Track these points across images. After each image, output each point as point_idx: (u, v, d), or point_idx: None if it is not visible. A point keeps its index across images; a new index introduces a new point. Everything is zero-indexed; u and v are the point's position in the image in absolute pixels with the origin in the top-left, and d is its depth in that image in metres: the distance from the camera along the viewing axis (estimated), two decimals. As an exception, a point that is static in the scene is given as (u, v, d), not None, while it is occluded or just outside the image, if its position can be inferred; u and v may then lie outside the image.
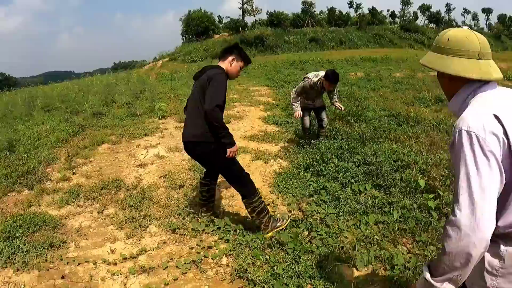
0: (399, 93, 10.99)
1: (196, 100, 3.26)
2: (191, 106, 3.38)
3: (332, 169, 4.63)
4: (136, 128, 7.91)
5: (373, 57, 24.09)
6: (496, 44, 39.80)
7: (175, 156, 6.07)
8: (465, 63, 1.44)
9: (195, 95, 3.29)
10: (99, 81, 16.44)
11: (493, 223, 1.24)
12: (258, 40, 38.02)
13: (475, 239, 1.22)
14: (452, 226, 1.28)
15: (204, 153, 3.35)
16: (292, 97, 5.70)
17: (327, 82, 5.36)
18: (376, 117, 7.55)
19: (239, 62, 3.41)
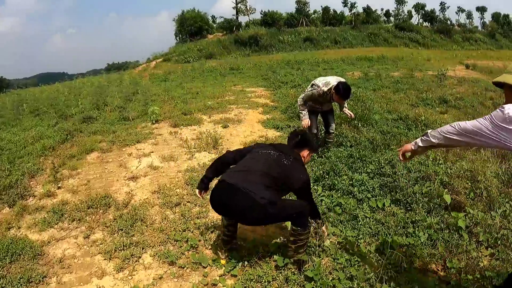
0: (401, 94, 10.64)
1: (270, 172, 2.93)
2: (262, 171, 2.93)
3: (346, 183, 4.19)
4: (128, 134, 7.42)
5: (369, 56, 23.91)
6: (491, 42, 39.76)
7: (170, 166, 5.61)
8: None
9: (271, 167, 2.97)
10: (90, 83, 15.96)
11: None
12: (252, 40, 37.71)
13: None
14: None
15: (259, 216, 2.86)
16: (299, 104, 5.29)
17: (337, 96, 4.90)
18: (384, 120, 7.13)
19: (312, 153, 3.44)
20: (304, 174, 3.00)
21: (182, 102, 10.68)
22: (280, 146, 3.23)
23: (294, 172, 2.96)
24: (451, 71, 14.67)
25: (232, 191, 2.78)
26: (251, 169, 2.91)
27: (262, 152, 3.08)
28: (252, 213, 2.73)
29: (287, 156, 3.03)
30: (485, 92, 10.72)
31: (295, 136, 3.27)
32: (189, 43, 39.05)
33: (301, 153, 3.19)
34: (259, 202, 2.68)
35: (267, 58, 27.15)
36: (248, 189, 2.71)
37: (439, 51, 32.51)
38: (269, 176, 2.84)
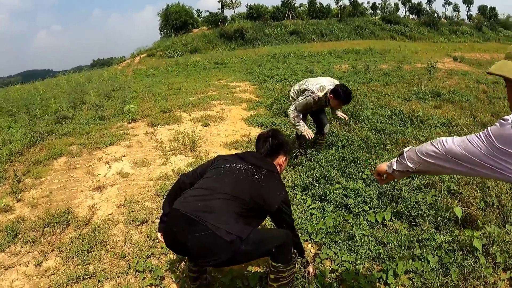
0: (392, 87, 10.21)
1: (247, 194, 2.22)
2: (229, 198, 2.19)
3: (339, 192, 3.64)
4: (101, 135, 6.87)
5: (356, 49, 23.50)
6: (477, 35, 39.70)
7: (141, 173, 5.04)
8: None
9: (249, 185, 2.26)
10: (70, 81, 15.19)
11: None
12: (238, 33, 37.02)
13: None
14: None
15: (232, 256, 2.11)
16: (292, 116, 4.54)
17: (336, 100, 4.31)
18: (376, 116, 6.63)
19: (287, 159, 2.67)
20: (281, 191, 2.31)
21: (162, 99, 10.12)
22: (248, 155, 2.46)
23: (270, 189, 2.26)
24: (440, 63, 14.35)
25: (187, 224, 2.04)
26: (213, 192, 2.18)
27: (226, 167, 2.36)
28: (218, 254, 2.00)
29: (259, 169, 2.33)
30: (477, 85, 10.33)
31: (265, 140, 2.50)
32: (173, 38, 38.17)
33: (275, 161, 2.49)
34: (225, 239, 1.96)
35: (252, 51, 26.54)
36: (209, 222, 1.99)
37: (426, 43, 32.29)
38: (237, 200, 2.14)
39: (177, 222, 2.10)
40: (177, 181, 2.52)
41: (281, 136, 2.54)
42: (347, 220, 3.29)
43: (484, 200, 3.46)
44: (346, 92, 4.24)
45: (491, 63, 16.22)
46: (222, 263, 2.07)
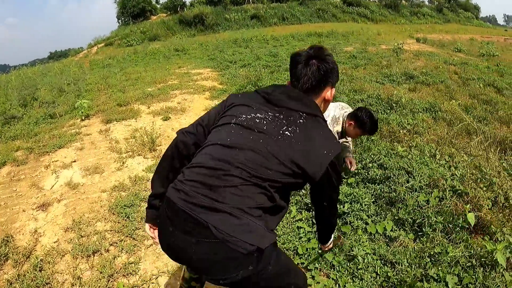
0: (361, 70, 9.82)
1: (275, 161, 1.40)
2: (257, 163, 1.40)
3: None
4: (51, 136, 5.99)
5: (318, 32, 23.11)
6: (438, 16, 40.36)
7: (93, 182, 4.31)
8: None
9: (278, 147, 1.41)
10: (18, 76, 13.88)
11: None
12: (198, 19, 35.93)
13: None
14: None
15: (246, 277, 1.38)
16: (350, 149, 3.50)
17: (359, 130, 3.22)
18: (353, 101, 6.12)
19: (334, 91, 1.65)
20: (330, 147, 1.44)
21: (119, 90, 9.24)
22: (277, 93, 1.55)
23: (312, 148, 1.41)
24: (405, 45, 14.16)
25: (189, 224, 1.34)
26: (223, 171, 1.38)
27: (241, 120, 1.49)
28: (230, 270, 1.32)
29: (292, 116, 1.46)
30: (447, 66, 10.12)
31: (307, 64, 1.54)
32: (131, 26, 36.73)
33: (320, 97, 1.58)
34: (239, 251, 1.28)
35: (213, 37, 25.66)
36: (218, 227, 1.29)
37: (388, 25, 32.38)
38: (259, 181, 1.36)
39: (175, 220, 1.39)
40: (175, 143, 1.66)
41: (329, 57, 1.57)
42: (344, 233, 2.74)
43: (490, 198, 3.00)
44: (373, 119, 3.16)
45: (454, 43, 16.34)
46: (239, 282, 1.36)
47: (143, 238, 3.16)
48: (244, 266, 1.32)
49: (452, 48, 14.95)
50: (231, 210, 1.31)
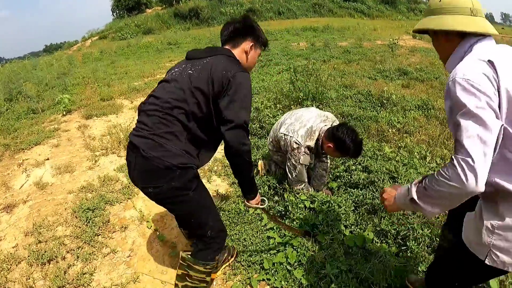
0: (354, 65, 9.52)
1: (186, 94, 1.82)
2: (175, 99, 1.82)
3: (304, 206, 2.77)
4: (30, 132, 5.80)
5: (314, 26, 22.71)
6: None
7: (62, 182, 4.08)
8: (460, 19, 1.42)
9: (185, 83, 1.83)
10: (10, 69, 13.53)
11: (486, 177, 1.17)
12: (193, 13, 35.52)
13: (468, 189, 1.17)
14: (457, 164, 1.19)
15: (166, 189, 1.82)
16: (300, 188, 3.05)
17: (338, 153, 2.83)
18: (342, 98, 5.83)
19: (258, 48, 2.09)
20: (231, 65, 1.83)
21: (105, 85, 8.97)
22: (195, 50, 2.03)
23: (216, 69, 1.81)
24: (401, 41, 13.85)
25: (132, 148, 1.87)
26: (153, 105, 1.86)
27: (169, 75, 1.96)
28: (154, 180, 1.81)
29: (199, 60, 1.91)
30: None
31: (228, 24, 2.05)
32: (126, 19, 36.25)
33: (237, 48, 2.00)
34: (159, 166, 1.77)
35: (207, 31, 25.26)
36: (144, 149, 1.78)
37: (384, 21, 31.95)
38: (178, 107, 1.80)
39: (130, 155, 1.91)
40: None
41: (252, 22, 2.04)
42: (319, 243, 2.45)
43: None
44: (356, 141, 2.75)
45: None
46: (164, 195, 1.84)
47: (102, 245, 2.96)
48: (167, 179, 1.76)
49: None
50: (151, 136, 1.78)
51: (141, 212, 3.36)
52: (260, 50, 2.08)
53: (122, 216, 3.37)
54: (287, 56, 11.27)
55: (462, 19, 1.41)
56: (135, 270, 2.69)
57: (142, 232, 3.14)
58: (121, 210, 3.46)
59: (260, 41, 2.04)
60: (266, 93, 6.10)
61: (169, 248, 2.87)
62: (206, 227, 1.98)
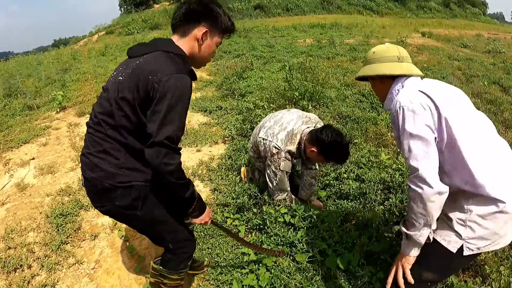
0: (359, 62, 9.17)
1: (112, 106, 1.58)
2: (101, 113, 1.63)
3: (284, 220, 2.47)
4: (22, 129, 5.56)
5: (321, 23, 22.35)
6: (445, 11, 39.30)
7: (43, 184, 3.87)
8: (389, 65, 1.73)
9: (113, 93, 1.58)
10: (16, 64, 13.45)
11: (437, 178, 1.45)
12: (199, 7, 35.26)
13: (429, 191, 1.42)
14: (413, 184, 1.47)
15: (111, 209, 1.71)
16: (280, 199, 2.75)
17: (322, 157, 2.55)
18: (341, 97, 5.52)
19: (216, 36, 1.70)
20: (160, 67, 1.49)
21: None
22: (135, 46, 1.72)
23: (143, 74, 1.50)
24: (409, 38, 13.48)
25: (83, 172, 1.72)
26: (90, 122, 1.70)
27: (113, 75, 1.68)
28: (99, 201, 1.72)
29: (137, 58, 1.61)
30: (450, 61, 9.43)
31: (182, 6, 1.67)
32: (133, 14, 36.17)
33: (188, 37, 1.65)
34: (98, 186, 1.64)
35: (214, 26, 25.05)
36: (84, 169, 1.68)
37: (393, 18, 31.47)
38: (108, 123, 1.59)
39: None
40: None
41: (210, 2, 1.66)
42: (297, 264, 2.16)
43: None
44: (342, 145, 2.49)
45: (460, 39, 15.63)
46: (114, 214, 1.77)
47: (69, 254, 2.75)
48: (109, 199, 1.63)
49: (458, 43, 14.22)
50: (88, 155, 1.64)
51: (114, 220, 3.11)
52: (219, 38, 1.70)
53: (94, 223, 3.14)
54: (292, 53, 10.95)
55: (391, 65, 1.72)
56: (97, 284, 2.45)
57: (112, 241, 2.90)
58: (95, 216, 3.24)
59: (219, 26, 1.67)
60: (260, 91, 5.80)
61: (135, 262, 2.64)
62: (165, 241, 1.87)
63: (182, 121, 1.50)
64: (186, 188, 1.61)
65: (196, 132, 4.75)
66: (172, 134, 1.45)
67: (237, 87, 6.42)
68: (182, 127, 1.51)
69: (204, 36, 1.63)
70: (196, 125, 5.11)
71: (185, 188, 1.61)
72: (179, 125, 1.48)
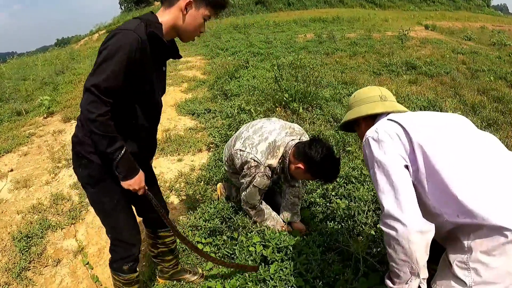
0: (359, 58, 8.84)
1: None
2: None
3: (256, 251, 2.12)
4: (7, 137, 5.33)
5: (323, 17, 22.09)
6: (448, 3, 38.72)
7: (16, 200, 3.65)
8: (371, 105, 1.65)
9: None
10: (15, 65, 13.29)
11: (416, 210, 1.24)
12: (199, 3, 34.95)
13: (405, 231, 1.20)
14: (384, 226, 1.27)
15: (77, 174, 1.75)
16: (248, 208, 2.45)
17: (308, 175, 2.30)
18: (337, 97, 5.17)
19: (202, 8, 1.62)
20: (115, 30, 1.50)
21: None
22: None
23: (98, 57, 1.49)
24: (412, 31, 13.07)
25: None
26: None
27: None
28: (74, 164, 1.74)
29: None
30: (455, 55, 9.05)
31: None
32: (134, 12, 36.31)
33: (175, 6, 1.62)
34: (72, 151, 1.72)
35: (214, 23, 24.64)
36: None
37: (396, 11, 31.07)
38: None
39: None
40: None
41: None
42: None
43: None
44: (334, 163, 2.24)
45: (464, 31, 15.24)
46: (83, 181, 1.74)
47: (29, 283, 2.55)
48: (77, 165, 1.71)
49: (462, 36, 13.80)
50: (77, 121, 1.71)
51: (80, 243, 2.85)
52: (206, 10, 1.62)
53: (59, 246, 2.91)
54: (290, 49, 10.61)
55: (373, 105, 1.64)
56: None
57: (74, 269, 2.65)
58: (61, 238, 3.00)
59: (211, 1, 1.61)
60: (249, 93, 5.46)
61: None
62: (107, 232, 1.87)
63: (115, 73, 1.44)
64: (108, 142, 1.52)
65: (180, 139, 4.43)
66: (99, 83, 1.42)
67: (228, 87, 6.10)
68: (114, 79, 1.44)
69: (188, 5, 1.59)
70: (182, 130, 4.80)
71: (107, 141, 1.52)
72: (109, 75, 1.43)
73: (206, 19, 1.65)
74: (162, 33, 1.58)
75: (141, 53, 1.48)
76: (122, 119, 1.59)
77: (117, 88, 1.46)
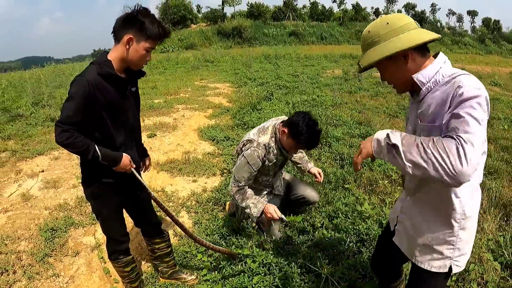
0: (380, 98, 9.14)
1: None
2: None
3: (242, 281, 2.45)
4: (40, 140, 5.85)
5: (354, 54, 22.38)
6: (480, 47, 38.60)
7: (45, 197, 4.08)
8: (415, 32, 1.37)
9: None
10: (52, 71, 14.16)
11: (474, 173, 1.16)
12: (236, 31, 36.24)
13: (460, 172, 1.14)
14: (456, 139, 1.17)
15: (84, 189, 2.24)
16: (234, 195, 2.77)
17: (291, 140, 2.64)
18: (348, 137, 5.50)
19: (142, 42, 1.89)
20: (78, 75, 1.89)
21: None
22: None
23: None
24: (439, 75, 13.21)
25: None
26: None
27: None
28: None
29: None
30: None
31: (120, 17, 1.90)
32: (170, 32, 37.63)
33: (121, 42, 1.88)
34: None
35: (247, 51, 25.49)
36: None
37: (428, 52, 31.19)
38: None
39: None
40: None
41: (139, 13, 1.86)
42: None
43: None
44: (312, 127, 2.58)
45: (492, 76, 15.12)
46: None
47: (50, 267, 2.96)
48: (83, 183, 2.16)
49: (489, 81, 13.80)
50: None
51: (97, 240, 3.28)
52: (147, 43, 1.88)
53: (79, 240, 3.32)
54: (315, 85, 10.97)
55: (418, 32, 1.37)
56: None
57: (90, 261, 3.07)
58: (82, 234, 3.41)
59: (145, 33, 1.86)
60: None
61: (105, 283, 2.82)
62: (102, 229, 2.34)
63: (75, 111, 1.79)
64: (85, 153, 1.88)
65: (198, 162, 4.85)
66: (62, 119, 1.79)
67: (248, 118, 6.52)
68: (74, 116, 1.80)
69: (130, 41, 1.86)
70: (200, 154, 5.22)
71: (84, 153, 1.88)
72: (69, 114, 1.79)
73: (149, 50, 1.91)
74: (112, 67, 1.88)
75: (96, 90, 1.82)
76: (100, 140, 1.95)
77: (80, 119, 1.81)
